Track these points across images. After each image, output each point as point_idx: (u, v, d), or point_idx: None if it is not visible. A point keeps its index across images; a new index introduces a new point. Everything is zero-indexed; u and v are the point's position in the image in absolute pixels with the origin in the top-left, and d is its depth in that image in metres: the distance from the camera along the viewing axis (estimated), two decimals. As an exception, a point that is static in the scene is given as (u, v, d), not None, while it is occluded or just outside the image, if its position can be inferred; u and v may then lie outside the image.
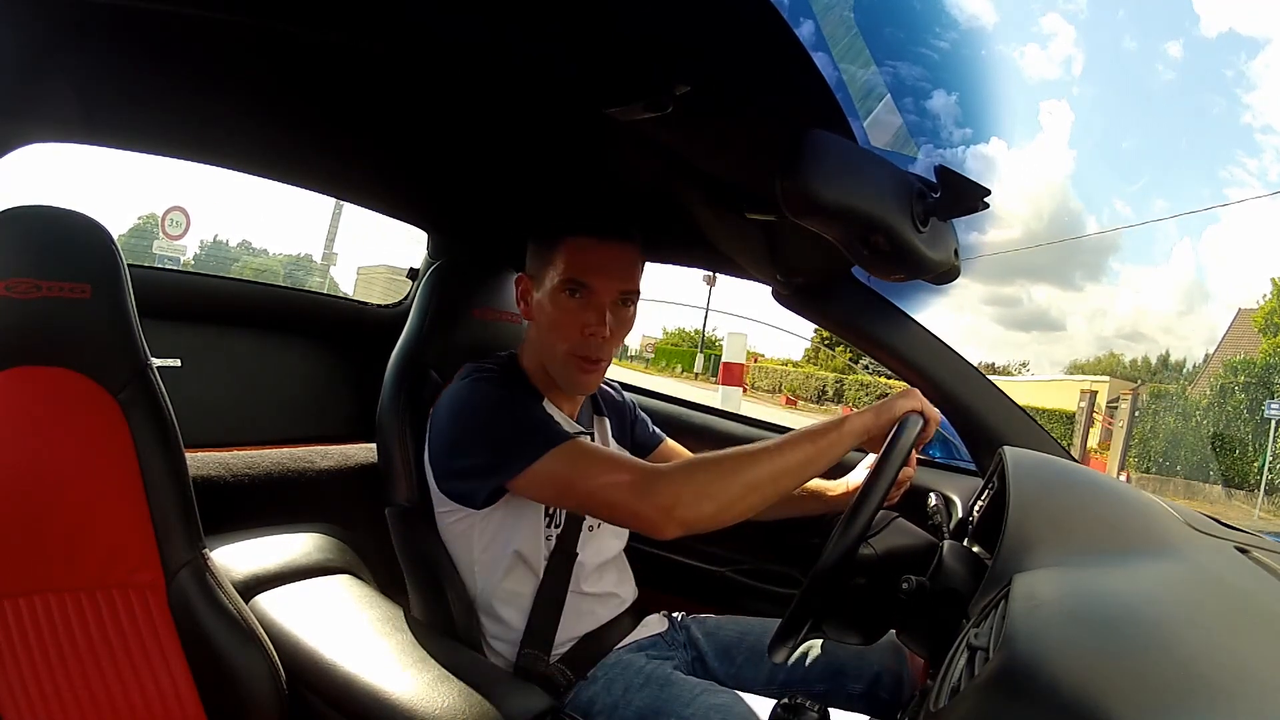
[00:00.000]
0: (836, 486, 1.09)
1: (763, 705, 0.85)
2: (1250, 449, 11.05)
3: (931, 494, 1.06)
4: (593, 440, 1.05)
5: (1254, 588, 0.61)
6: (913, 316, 1.13)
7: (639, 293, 0.96)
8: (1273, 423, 10.73)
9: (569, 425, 1.00)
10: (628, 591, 1.08)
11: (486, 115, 0.91)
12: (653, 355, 32.78)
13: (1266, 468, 10.48)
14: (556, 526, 0.97)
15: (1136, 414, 11.38)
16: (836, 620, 0.74)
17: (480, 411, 0.88)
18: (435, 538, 1.02)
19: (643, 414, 1.19)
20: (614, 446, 1.10)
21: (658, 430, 1.18)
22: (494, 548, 0.96)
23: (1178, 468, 11.34)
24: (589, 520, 1.00)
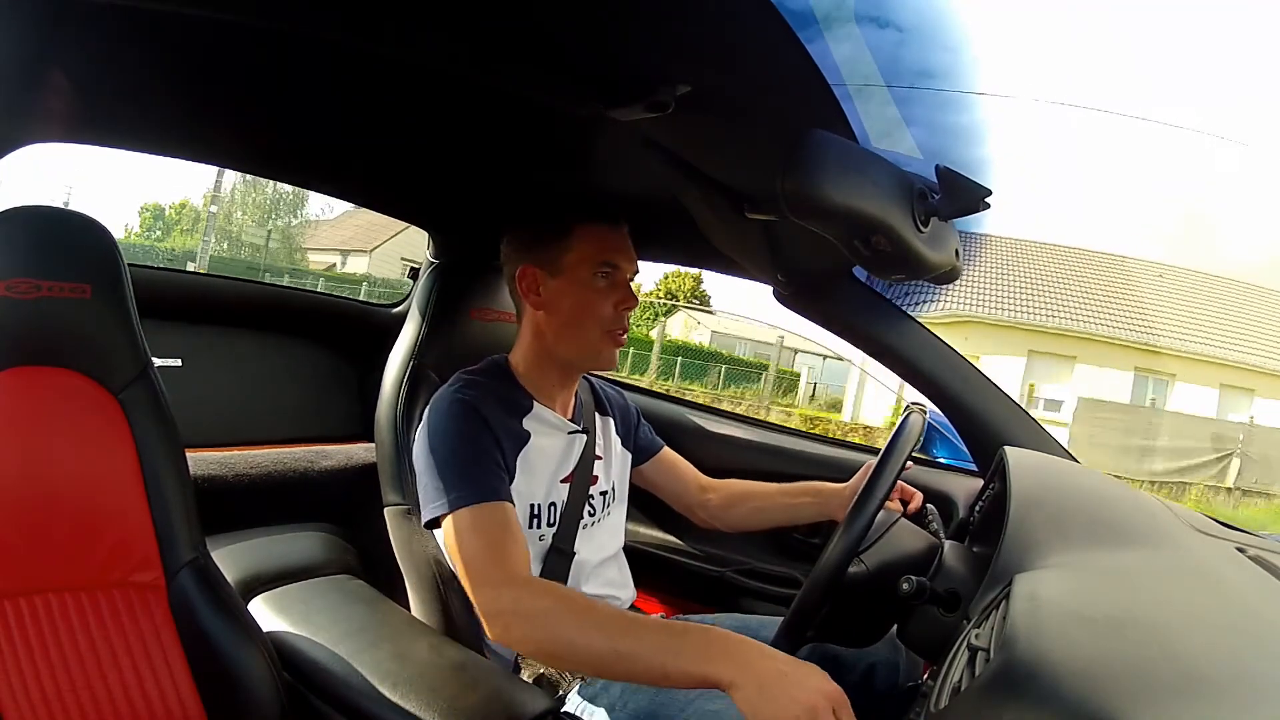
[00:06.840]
0: (836, 488, 1.09)
1: None
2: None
3: (927, 505, 1.05)
4: (595, 439, 1.06)
5: (1254, 588, 0.61)
6: (913, 316, 1.13)
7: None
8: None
9: (561, 425, 1.01)
10: (626, 593, 1.08)
11: (488, 115, 0.91)
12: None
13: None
14: (550, 526, 0.97)
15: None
16: (834, 631, 0.75)
17: (432, 443, 0.91)
18: (434, 537, 1.02)
19: (645, 420, 1.21)
20: (617, 446, 1.11)
21: (657, 438, 1.20)
22: None
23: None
24: (585, 520, 1.00)
